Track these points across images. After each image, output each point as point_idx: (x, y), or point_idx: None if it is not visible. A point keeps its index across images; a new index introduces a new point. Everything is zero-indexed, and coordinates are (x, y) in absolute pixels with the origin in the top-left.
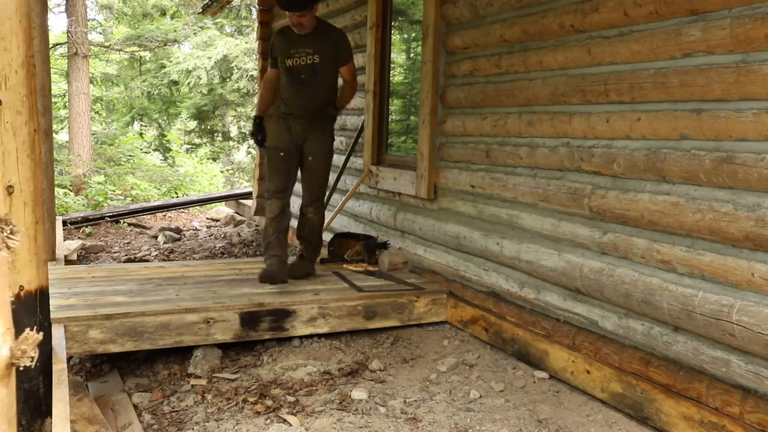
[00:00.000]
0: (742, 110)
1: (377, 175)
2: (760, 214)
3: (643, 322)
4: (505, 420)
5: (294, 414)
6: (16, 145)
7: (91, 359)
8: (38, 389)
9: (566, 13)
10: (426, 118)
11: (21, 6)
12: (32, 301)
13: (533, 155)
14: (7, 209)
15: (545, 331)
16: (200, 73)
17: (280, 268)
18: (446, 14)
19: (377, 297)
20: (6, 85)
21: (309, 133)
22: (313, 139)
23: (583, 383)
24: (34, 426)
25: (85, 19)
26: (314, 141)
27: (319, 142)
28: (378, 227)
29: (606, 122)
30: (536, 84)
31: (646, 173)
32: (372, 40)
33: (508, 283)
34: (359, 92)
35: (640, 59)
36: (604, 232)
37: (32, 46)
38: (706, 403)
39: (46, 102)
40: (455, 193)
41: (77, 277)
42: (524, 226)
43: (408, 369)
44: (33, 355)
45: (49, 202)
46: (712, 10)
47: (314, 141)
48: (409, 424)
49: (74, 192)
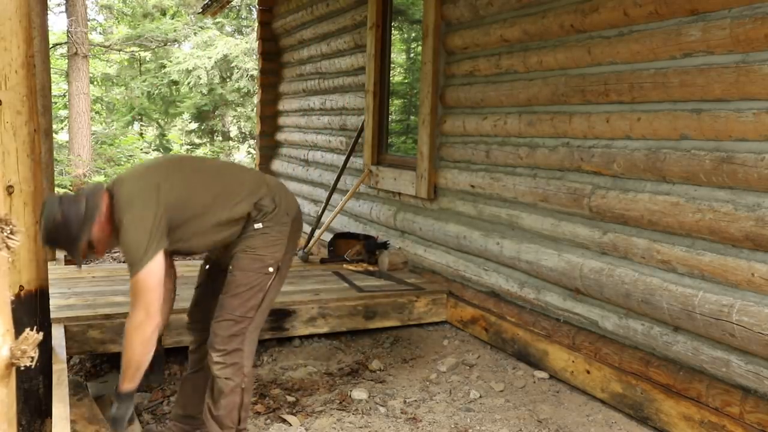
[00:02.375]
0: (742, 110)
1: (377, 175)
2: (760, 214)
3: (643, 322)
4: (505, 420)
5: (294, 414)
6: (16, 145)
7: (91, 359)
8: (38, 389)
9: (566, 13)
10: (426, 118)
11: (21, 6)
12: (32, 301)
13: (533, 155)
14: (7, 209)
15: (545, 331)
16: (200, 73)
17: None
18: (446, 14)
19: (377, 297)
20: (6, 85)
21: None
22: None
23: (583, 383)
24: (34, 426)
25: (85, 19)
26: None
27: None
28: (378, 227)
29: (606, 122)
30: (536, 84)
31: (646, 173)
32: (372, 40)
33: (508, 283)
34: (359, 92)
35: (640, 59)
36: (604, 232)
37: (32, 46)
38: (706, 403)
39: (46, 102)
40: (455, 193)
41: (77, 277)
42: (524, 226)
43: (408, 369)
44: (33, 355)
45: None
46: (712, 10)
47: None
48: (409, 424)
49: (74, 192)
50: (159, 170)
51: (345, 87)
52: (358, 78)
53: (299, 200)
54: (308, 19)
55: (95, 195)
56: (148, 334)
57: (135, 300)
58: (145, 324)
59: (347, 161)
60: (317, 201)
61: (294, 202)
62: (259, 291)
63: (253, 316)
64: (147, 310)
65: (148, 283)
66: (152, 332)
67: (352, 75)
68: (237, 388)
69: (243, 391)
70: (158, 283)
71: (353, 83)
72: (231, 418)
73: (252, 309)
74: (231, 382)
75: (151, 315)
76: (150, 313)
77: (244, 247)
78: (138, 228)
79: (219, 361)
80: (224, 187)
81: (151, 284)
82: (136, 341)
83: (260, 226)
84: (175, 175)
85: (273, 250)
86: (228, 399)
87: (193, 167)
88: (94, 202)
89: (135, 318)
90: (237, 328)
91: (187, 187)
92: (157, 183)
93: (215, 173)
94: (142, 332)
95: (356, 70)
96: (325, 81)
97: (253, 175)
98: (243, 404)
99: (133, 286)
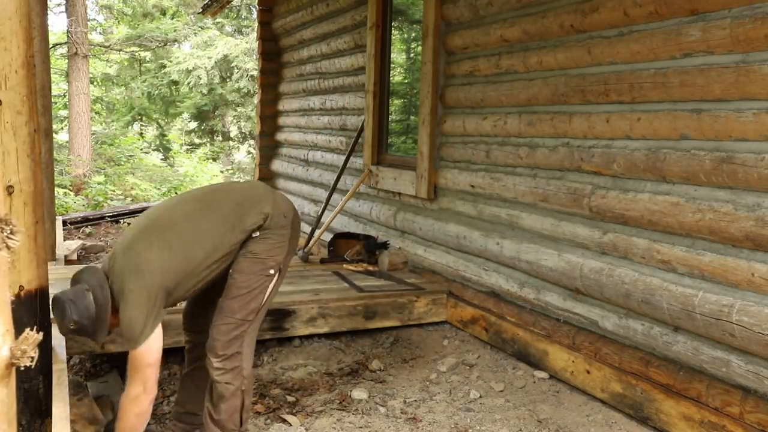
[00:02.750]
0: (742, 110)
1: (377, 175)
2: (760, 214)
3: (643, 322)
4: (505, 420)
5: (294, 414)
6: (16, 145)
7: (91, 359)
8: (38, 389)
9: (566, 13)
10: (426, 118)
11: (21, 6)
12: (32, 301)
13: (533, 155)
14: (7, 209)
15: (545, 331)
16: (200, 73)
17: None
18: (446, 14)
19: (377, 297)
20: (6, 85)
21: None
22: None
23: (583, 383)
24: (34, 426)
25: (85, 19)
26: None
27: None
28: (378, 227)
29: (606, 122)
30: (536, 84)
31: (646, 173)
32: (372, 40)
33: (508, 283)
34: (359, 92)
35: (640, 59)
36: (604, 232)
37: (32, 46)
38: (706, 403)
39: (46, 102)
40: (455, 193)
41: None
42: (524, 226)
43: (408, 369)
44: (33, 355)
45: (49, 202)
46: (712, 10)
47: None
48: (409, 424)
49: (74, 192)
50: (147, 239)
51: (345, 87)
52: (358, 78)
53: (299, 200)
54: (308, 19)
55: (102, 287)
56: (145, 407)
57: (133, 374)
58: (142, 398)
59: (347, 161)
60: (317, 201)
61: (288, 204)
62: (259, 293)
63: (253, 319)
64: (145, 384)
65: (147, 359)
66: (148, 405)
67: (352, 75)
68: (237, 391)
69: (243, 393)
70: (156, 358)
71: (353, 83)
72: (233, 421)
73: (252, 312)
74: (231, 386)
75: (148, 390)
76: (147, 387)
77: (244, 252)
78: (135, 305)
79: (219, 367)
80: (213, 233)
81: (149, 360)
82: (132, 413)
83: (258, 235)
84: (162, 242)
85: (274, 252)
86: (229, 403)
87: (176, 226)
88: (103, 295)
89: (132, 391)
90: (237, 332)
91: (178, 252)
92: (147, 258)
93: (203, 218)
94: (138, 405)
95: (356, 70)
96: (325, 81)
97: (242, 195)
98: (244, 406)
99: (131, 361)
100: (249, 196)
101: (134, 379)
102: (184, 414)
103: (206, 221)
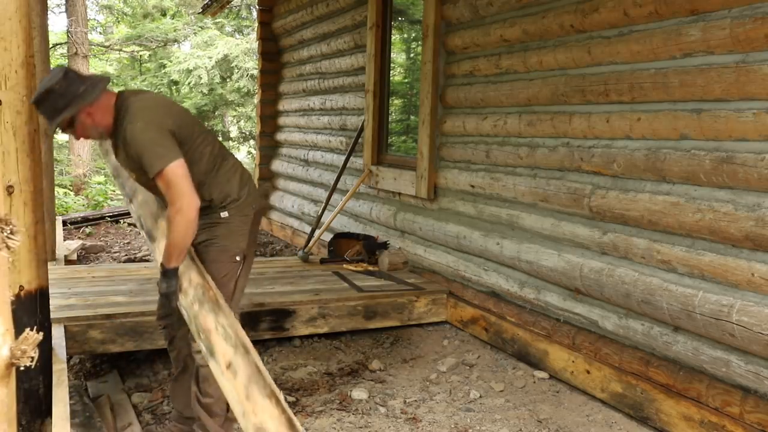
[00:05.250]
0: (742, 110)
1: (377, 175)
2: (760, 214)
3: (643, 322)
4: (505, 420)
5: (294, 414)
6: (16, 145)
7: (91, 359)
8: (38, 389)
9: (566, 13)
10: (426, 118)
11: (21, 6)
12: (32, 301)
13: (533, 155)
14: (7, 209)
15: (545, 331)
16: (200, 73)
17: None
18: (446, 14)
19: (377, 297)
20: (6, 85)
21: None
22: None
23: (583, 383)
24: (34, 426)
25: (85, 19)
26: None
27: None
28: (378, 227)
29: (606, 122)
30: (536, 84)
31: (646, 173)
32: (372, 40)
33: (508, 283)
34: (359, 92)
35: (640, 59)
36: (604, 232)
37: (32, 46)
38: (706, 403)
39: None
40: (455, 193)
41: (77, 277)
42: (524, 226)
43: (408, 369)
44: (33, 355)
45: (49, 202)
46: (712, 10)
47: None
48: (409, 424)
49: (74, 192)
50: (173, 107)
51: (345, 87)
52: (358, 78)
53: (299, 200)
54: (308, 19)
55: (98, 84)
56: (192, 215)
57: (169, 192)
58: (186, 208)
59: (347, 161)
60: (317, 201)
61: (260, 197)
62: (230, 279)
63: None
64: (183, 194)
65: (178, 171)
66: (195, 213)
67: (352, 75)
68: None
69: None
70: (186, 170)
71: (353, 83)
72: (220, 406)
73: (226, 298)
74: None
75: (189, 198)
76: (187, 197)
77: (207, 238)
78: (157, 131)
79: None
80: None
81: (180, 172)
82: (181, 224)
83: (225, 215)
84: (186, 119)
85: (236, 239)
86: (215, 386)
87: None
88: (94, 88)
89: (176, 204)
90: None
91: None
92: (174, 112)
93: (216, 140)
94: (185, 215)
95: (356, 70)
96: (325, 81)
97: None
98: None
99: (161, 183)
100: (241, 168)
101: (172, 194)
102: (183, 418)
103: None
